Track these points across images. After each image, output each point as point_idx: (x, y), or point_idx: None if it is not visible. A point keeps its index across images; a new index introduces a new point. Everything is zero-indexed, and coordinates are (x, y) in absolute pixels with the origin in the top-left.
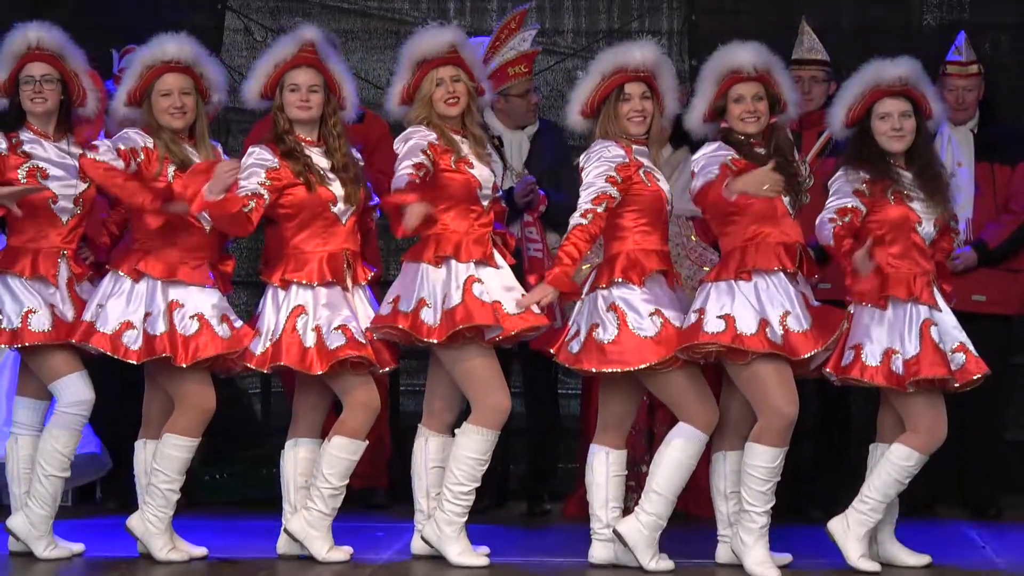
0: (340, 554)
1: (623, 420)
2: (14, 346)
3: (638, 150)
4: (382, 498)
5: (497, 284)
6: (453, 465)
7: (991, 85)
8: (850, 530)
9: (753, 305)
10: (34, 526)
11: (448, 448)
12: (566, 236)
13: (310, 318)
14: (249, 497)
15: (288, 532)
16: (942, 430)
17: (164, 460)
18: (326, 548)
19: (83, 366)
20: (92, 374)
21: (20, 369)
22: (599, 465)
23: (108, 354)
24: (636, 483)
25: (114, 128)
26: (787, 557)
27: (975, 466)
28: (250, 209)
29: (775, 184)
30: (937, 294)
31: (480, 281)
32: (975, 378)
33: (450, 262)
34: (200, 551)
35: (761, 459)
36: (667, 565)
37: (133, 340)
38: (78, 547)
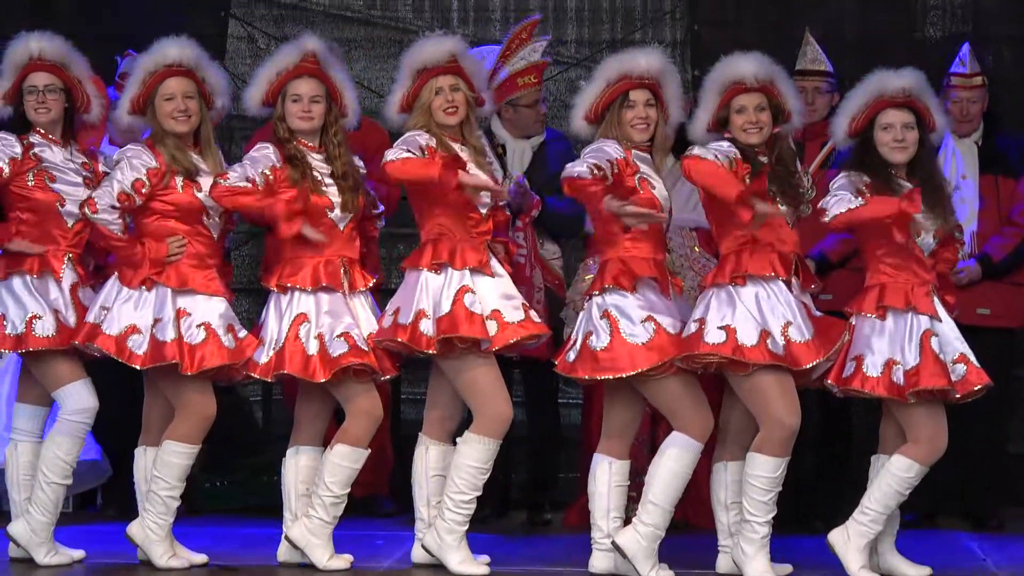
0: (341, 562)
1: (626, 429)
2: (18, 351)
3: (638, 155)
4: (389, 507)
5: (494, 293)
6: (454, 474)
7: (994, 97)
8: (851, 541)
9: (754, 316)
10: (35, 533)
11: (449, 457)
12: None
13: (312, 326)
14: (250, 505)
15: (289, 540)
16: (943, 441)
17: (164, 467)
18: (327, 556)
19: (86, 373)
20: (93, 381)
21: (21, 375)
22: (601, 475)
23: (111, 356)
24: (637, 494)
25: (117, 135)
26: (788, 568)
27: (977, 478)
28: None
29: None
30: (938, 305)
31: (473, 292)
32: (976, 389)
33: (447, 269)
34: (200, 558)
35: (763, 469)
36: (667, 575)
37: (138, 345)
38: (79, 553)
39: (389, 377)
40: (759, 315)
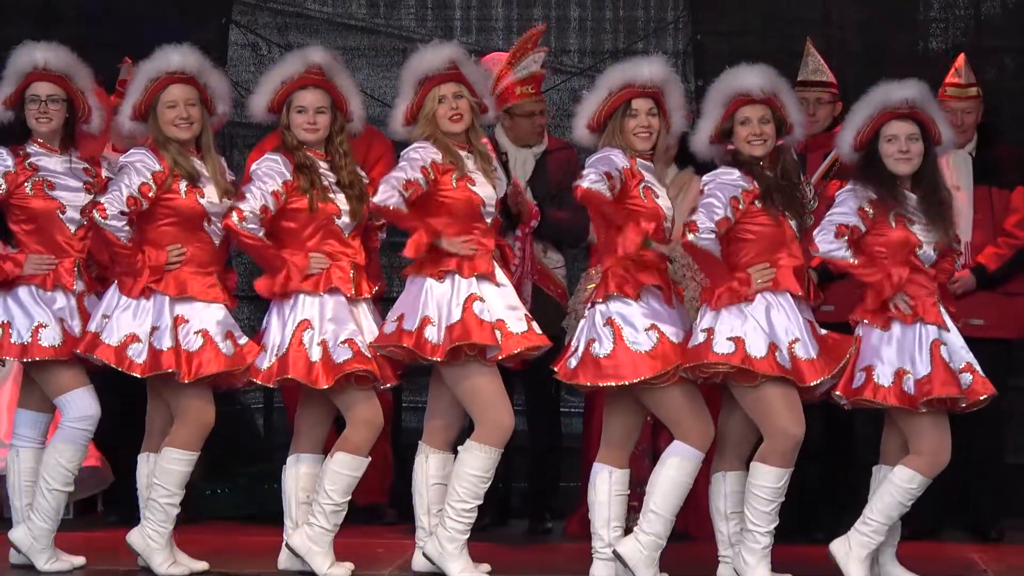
0: (341, 570)
1: (627, 438)
2: (23, 360)
3: (642, 164)
4: (390, 515)
5: (500, 303)
6: (456, 482)
7: (997, 109)
8: (852, 551)
9: (763, 328)
10: (36, 539)
11: (449, 465)
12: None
13: (316, 332)
14: (251, 512)
15: (289, 547)
16: (946, 453)
17: (164, 474)
18: (327, 564)
19: (89, 381)
20: (95, 387)
21: (23, 381)
22: (602, 484)
23: (112, 366)
24: (638, 503)
25: (118, 141)
26: None
27: (977, 489)
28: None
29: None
30: (945, 314)
31: (482, 299)
32: (982, 399)
33: (453, 277)
34: (201, 565)
35: (766, 479)
36: None
37: (138, 353)
38: (79, 560)
39: (390, 385)
40: (768, 327)
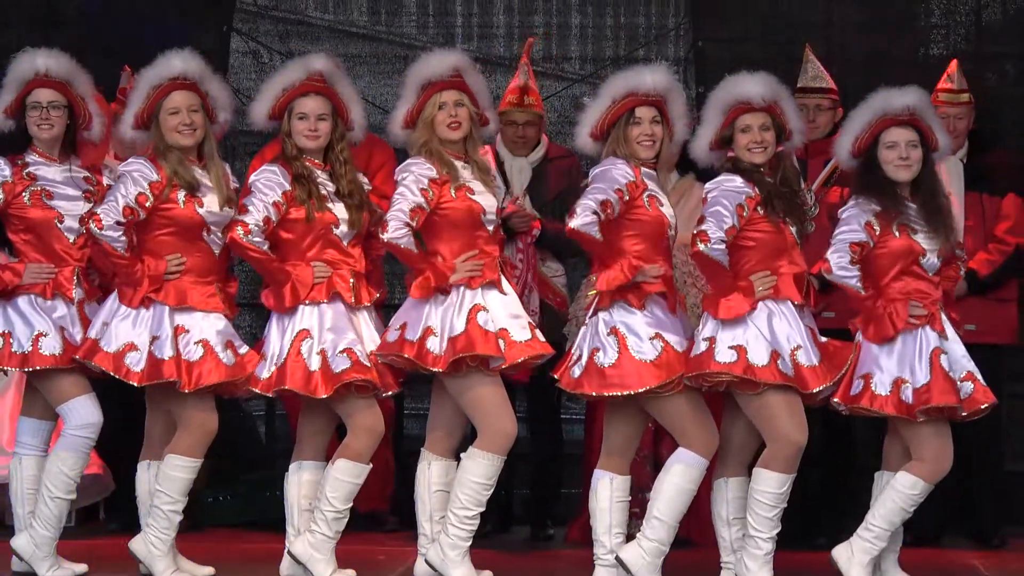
0: None
1: (628, 446)
2: (24, 369)
3: (646, 172)
4: (392, 522)
5: (503, 312)
6: (458, 489)
7: (998, 115)
8: (854, 557)
9: (765, 336)
10: (38, 547)
11: (451, 472)
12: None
13: (315, 342)
14: (253, 519)
15: (291, 555)
16: (948, 459)
17: (167, 481)
18: (329, 571)
19: (91, 388)
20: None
21: (25, 389)
22: (603, 491)
23: (110, 374)
24: (640, 510)
25: (120, 149)
26: None
27: (978, 496)
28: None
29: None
30: (947, 323)
31: (486, 310)
32: (983, 407)
33: (459, 287)
34: (206, 571)
35: (769, 485)
36: None
37: (136, 362)
38: (81, 567)
39: (391, 393)
40: (770, 335)
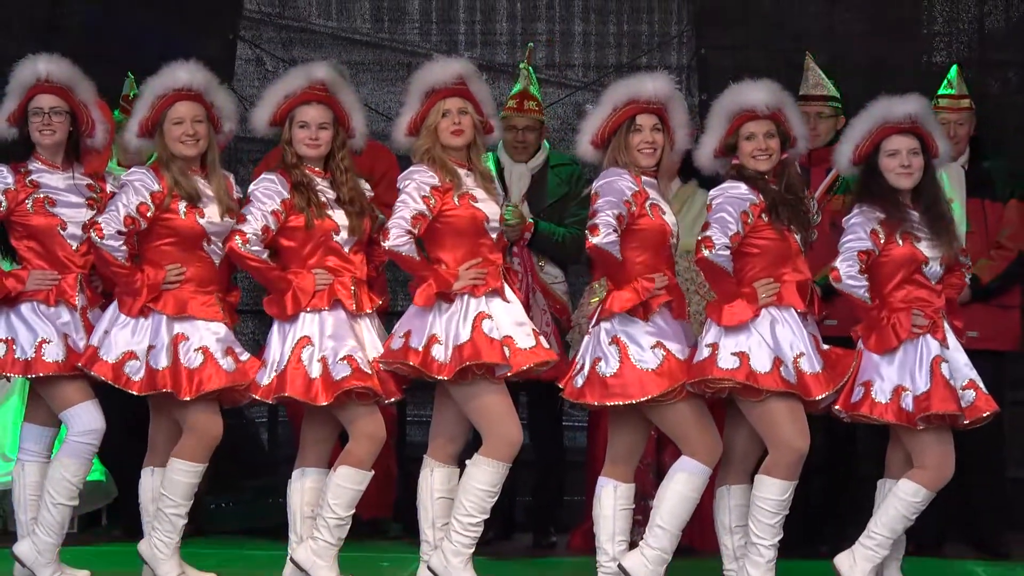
0: None
1: (632, 453)
2: (27, 376)
3: (647, 181)
4: (394, 529)
5: (508, 319)
6: (463, 496)
7: (1000, 122)
8: (856, 565)
9: (768, 343)
10: (41, 553)
11: (454, 479)
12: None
13: (316, 349)
14: (255, 526)
15: (294, 562)
16: (950, 467)
17: (171, 485)
18: None
19: (94, 395)
20: (99, 402)
21: (29, 396)
22: (607, 498)
23: (109, 383)
24: (643, 517)
25: (124, 157)
26: None
27: (979, 503)
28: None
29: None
30: (948, 331)
31: (490, 317)
32: (984, 415)
33: (463, 295)
34: None
35: (771, 492)
36: None
37: (136, 371)
38: (83, 574)
39: (393, 400)
40: (772, 342)
